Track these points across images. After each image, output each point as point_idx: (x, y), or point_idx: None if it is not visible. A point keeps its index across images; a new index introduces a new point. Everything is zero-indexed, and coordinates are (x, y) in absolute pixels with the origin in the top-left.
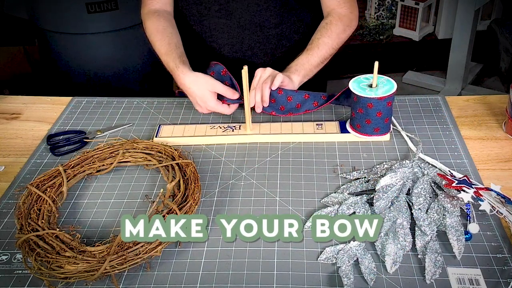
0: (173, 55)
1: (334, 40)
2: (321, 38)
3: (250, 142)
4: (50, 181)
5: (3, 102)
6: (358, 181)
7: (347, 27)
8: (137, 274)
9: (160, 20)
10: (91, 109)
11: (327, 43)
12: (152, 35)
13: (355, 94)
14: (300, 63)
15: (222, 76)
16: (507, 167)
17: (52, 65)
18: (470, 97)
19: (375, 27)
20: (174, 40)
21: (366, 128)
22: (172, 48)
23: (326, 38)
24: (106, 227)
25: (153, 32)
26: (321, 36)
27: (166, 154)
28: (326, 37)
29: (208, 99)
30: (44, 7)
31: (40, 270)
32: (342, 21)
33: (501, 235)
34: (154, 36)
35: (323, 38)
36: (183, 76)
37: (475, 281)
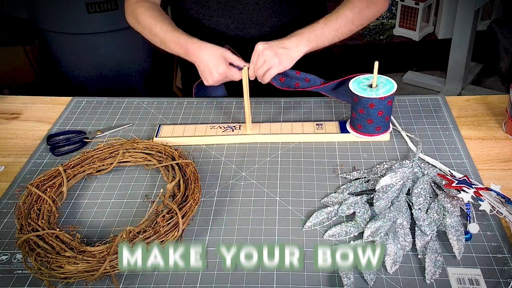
0: (180, 31)
1: (355, 15)
2: (342, 10)
3: (250, 142)
4: (50, 181)
5: (3, 102)
6: (358, 181)
7: (371, 3)
8: (137, 274)
9: (153, 7)
10: (91, 109)
11: (347, 16)
12: (148, 20)
13: (356, 95)
14: (314, 33)
15: None
16: (507, 167)
17: (52, 65)
18: (470, 97)
19: (375, 27)
20: (173, 23)
21: (368, 128)
22: (175, 27)
23: (347, 10)
24: (106, 227)
25: (148, 19)
26: (342, 7)
27: (166, 154)
28: (348, 9)
29: (220, 62)
30: (44, 7)
31: (40, 270)
32: None
33: (501, 235)
34: (150, 21)
35: (344, 9)
36: (197, 45)
37: (475, 281)
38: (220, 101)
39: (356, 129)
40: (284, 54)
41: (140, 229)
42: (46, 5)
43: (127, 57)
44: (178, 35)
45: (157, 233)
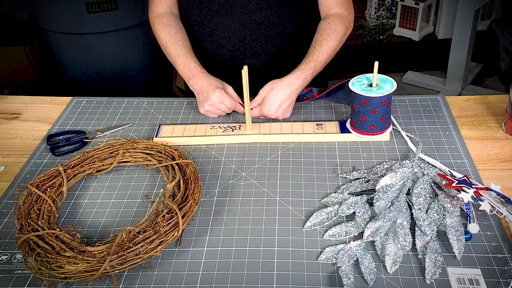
0: (193, 57)
1: (337, 44)
2: (329, 42)
3: (250, 142)
4: (50, 181)
5: (3, 102)
6: (358, 181)
7: (347, 29)
8: (137, 274)
9: (170, 24)
10: (91, 109)
11: (332, 47)
12: (165, 38)
13: (352, 91)
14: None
15: None
16: (507, 167)
17: (52, 65)
18: (470, 97)
19: (375, 27)
20: (188, 45)
21: (362, 125)
22: (189, 52)
23: (332, 42)
24: (106, 227)
25: (165, 36)
26: (328, 38)
27: (166, 154)
28: (333, 40)
29: (225, 96)
30: (44, 7)
31: (40, 270)
32: (343, 22)
33: (501, 235)
34: (167, 40)
35: (330, 41)
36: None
37: (475, 281)
38: None
39: (352, 126)
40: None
41: (140, 229)
42: (46, 5)
43: (127, 57)
44: (191, 60)
45: (157, 233)
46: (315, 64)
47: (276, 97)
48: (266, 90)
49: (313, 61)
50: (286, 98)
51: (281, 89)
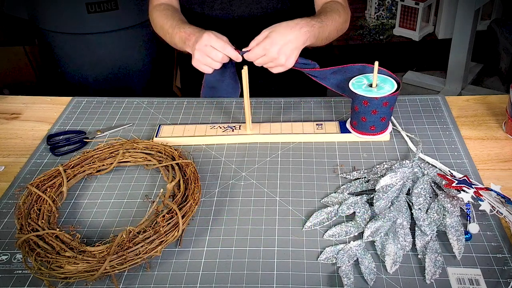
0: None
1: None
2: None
3: (250, 142)
4: (50, 181)
5: (3, 102)
6: (358, 181)
7: (347, 18)
8: (137, 274)
9: (167, 8)
10: (91, 109)
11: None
12: (162, 21)
13: (352, 92)
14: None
15: None
16: (507, 167)
17: (52, 65)
18: (470, 97)
19: (375, 27)
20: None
21: (362, 126)
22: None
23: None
24: (106, 227)
25: (161, 19)
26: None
27: (166, 154)
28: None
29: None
30: (44, 7)
31: (40, 270)
32: (345, 10)
33: (501, 235)
34: (163, 20)
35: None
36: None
37: (475, 281)
38: (220, 101)
39: (352, 126)
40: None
41: (140, 229)
42: (46, 5)
43: (127, 57)
44: (186, 26)
45: (157, 233)
46: (322, 25)
47: (281, 35)
48: (270, 27)
49: (321, 20)
50: (292, 39)
51: (287, 27)
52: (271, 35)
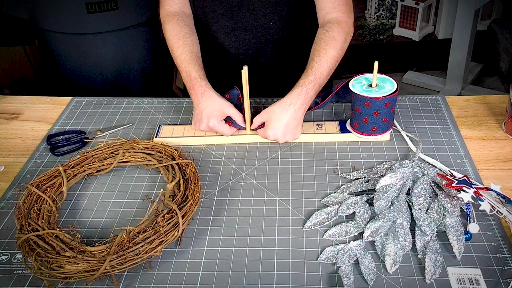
0: (196, 66)
1: (338, 52)
2: (328, 51)
3: (250, 142)
4: (50, 181)
5: (3, 102)
6: (358, 181)
7: (347, 35)
8: (137, 274)
9: (180, 25)
10: (91, 109)
11: (332, 56)
12: (173, 40)
13: (354, 93)
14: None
15: (237, 102)
16: (507, 167)
17: (52, 65)
18: (470, 97)
19: (375, 27)
20: (196, 49)
21: (364, 127)
22: (194, 58)
23: (332, 50)
24: (106, 227)
25: (173, 38)
26: (327, 47)
27: (166, 154)
28: (332, 48)
29: (213, 116)
30: (44, 7)
31: (40, 270)
32: (343, 28)
33: (501, 235)
34: (175, 42)
35: (329, 50)
36: (203, 90)
37: (475, 281)
38: None
39: (353, 127)
40: (295, 129)
41: (140, 229)
42: (46, 5)
43: (127, 57)
44: (194, 69)
45: (157, 233)
46: (315, 77)
47: (279, 120)
48: (267, 112)
49: (313, 74)
50: (291, 120)
51: (283, 111)
52: (269, 124)
